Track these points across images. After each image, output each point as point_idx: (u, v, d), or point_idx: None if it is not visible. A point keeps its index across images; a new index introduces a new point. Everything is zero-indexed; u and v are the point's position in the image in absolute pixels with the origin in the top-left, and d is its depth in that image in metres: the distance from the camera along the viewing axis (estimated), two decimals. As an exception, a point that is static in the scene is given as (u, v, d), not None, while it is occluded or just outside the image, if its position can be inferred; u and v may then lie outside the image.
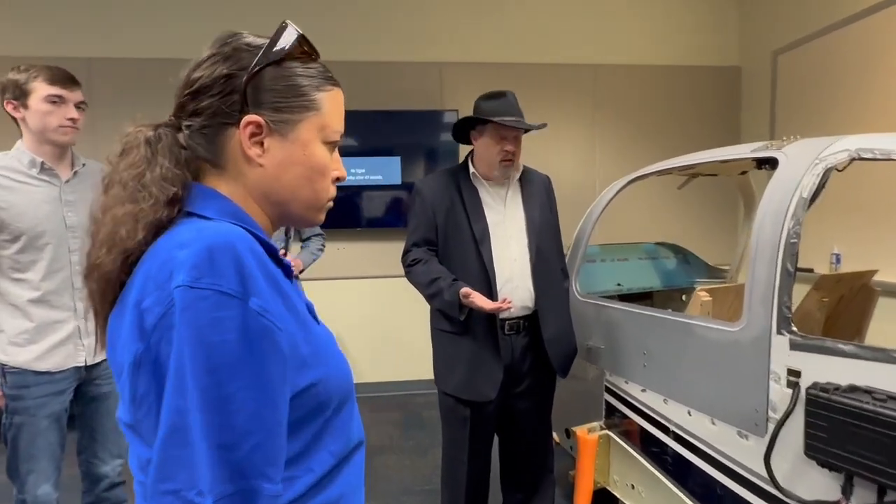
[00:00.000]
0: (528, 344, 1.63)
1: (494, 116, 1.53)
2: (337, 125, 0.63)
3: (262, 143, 0.58)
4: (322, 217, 0.65)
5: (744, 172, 2.04)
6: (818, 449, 1.03)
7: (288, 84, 0.58)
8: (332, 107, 0.62)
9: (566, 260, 2.02)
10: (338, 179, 0.65)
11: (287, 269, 0.61)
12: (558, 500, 2.16)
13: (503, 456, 1.80)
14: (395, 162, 3.25)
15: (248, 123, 0.56)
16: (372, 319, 3.43)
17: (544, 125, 1.61)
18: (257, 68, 0.57)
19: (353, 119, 3.78)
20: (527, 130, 1.59)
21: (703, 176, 2.12)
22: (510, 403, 1.65)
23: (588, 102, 3.54)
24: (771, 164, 1.37)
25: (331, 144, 0.63)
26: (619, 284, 2.41)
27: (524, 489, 1.76)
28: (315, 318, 0.65)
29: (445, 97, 3.34)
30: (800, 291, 1.88)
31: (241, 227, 0.55)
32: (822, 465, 1.03)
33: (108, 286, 0.53)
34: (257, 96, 0.57)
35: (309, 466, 0.55)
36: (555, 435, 2.13)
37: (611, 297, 2.33)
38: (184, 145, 0.57)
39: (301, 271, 2.09)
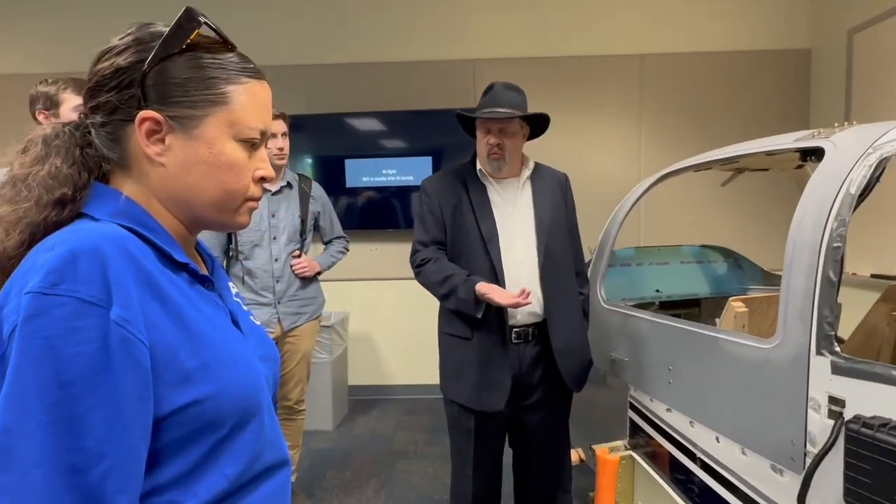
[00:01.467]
0: (538, 354, 1.52)
1: (479, 110, 1.47)
2: (253, 121, 0.57)
3: (163, 141, 0.54)
4: (242, 219, 0.60)
5: (800, 166, 1.80)
6: (859, 496, 0.85)
7: (190, 76, 0.54)
8: (247, 101, 0.57)
9: (591, 263, 1.89)
10: (262, 179, 0.60)
11: (195, 274, 0.57)
12: (581, 521, 2.02)
13: (516, 472, 1.69)
14: (426, 162, 3.21)
15: (144, 120, 0.53)
16: (405, 321, 3.41)
17: (532, 114, 1.51)
18: (156, 60, 0.52)
19: (384, 119, 3.80)
20: (528, 119, 1.53)
21: (752, 171, 1.89)
22: (520, 416, 1.55)
23: (633, 96, 3.32)
24: (816, 154, 1.18)
25: (246, 142, 0.57)
26: (657, 291, 2.22)
27: None
28: (238, 326, 0.61)
29: (478, 95, 3.25)
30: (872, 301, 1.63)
31: (130, 228, 0.51)
32: (866, 515, 0.86)
33: None
34: (158, 90, 0.53)
35: (194, 491, 0.50)
36: (580, 451, 1.99)
37: (648, 305, 2.15)
38: (89, 144, 0.54)
39: (318, 273, 2.09)
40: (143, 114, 0.52)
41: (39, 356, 0.42)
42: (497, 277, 1.47)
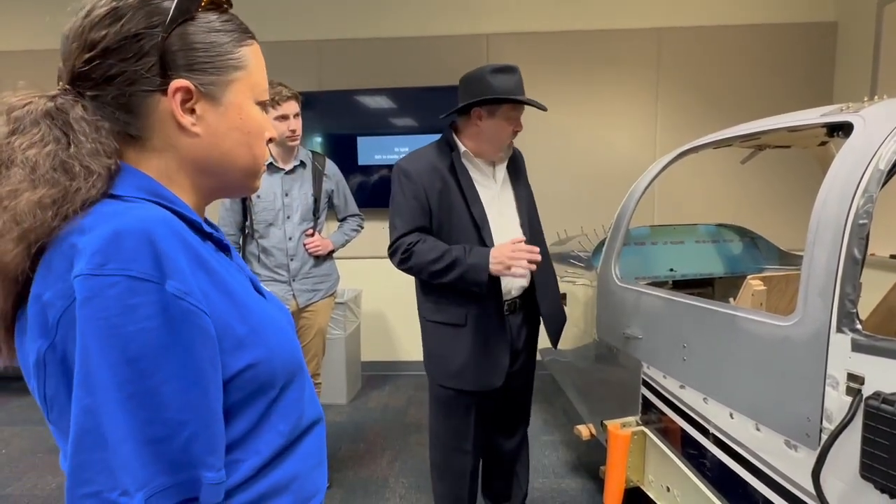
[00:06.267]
0: (522, 320, 1.60)
1: (510, 95, 1.43)
2: (264, 83, 0.58)
3: (193, 111, 0.52)
4: (258, 184, 0.61)
5: (824, 143, 1.76)
6: (876, 471, 0.86)
7: (209, 41, 0.52)
8: (256, 63, 0.56)
9: (606, 242, 1.88)
10: (270, 140, 0.60)
11: (219, 243, 0.58)
12: (591, 495, 2.06)
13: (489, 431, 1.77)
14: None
15: (178, 89, 0.51)
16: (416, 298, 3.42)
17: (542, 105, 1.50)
18: (174, 24, 0.50)
19: (397, 96, 3.75)
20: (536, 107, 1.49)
21: (773, 148, 1.85)
22: (507, 383, 1.59)
23: (650, 71, 3.24)
24: (844, 130, 1.15)
25: (261, 104, 0.58)
26: (671, 270, 2.21)
27: (505, 461, 1.77)
28: (261, 292, 0.62)
29: (492, 71, 3.20)
30: (890, 282, 1.61)
31: (157, 202, 0.50)
32: (882, 490, 0.86)
33: (10, 282, 0.47)
34: (176, 57, 0.51)
35: (256, 449, 0.53)
36: (590, 426, 2.02)
37: (662, 284, 2.14)
38: (95, 117, 0.50)
39: (332, 252, 2.11)
40: (177, 83, 0.50)
41: (102, 337, 0.42)
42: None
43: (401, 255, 1.48)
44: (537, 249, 1.37)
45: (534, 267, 1.38)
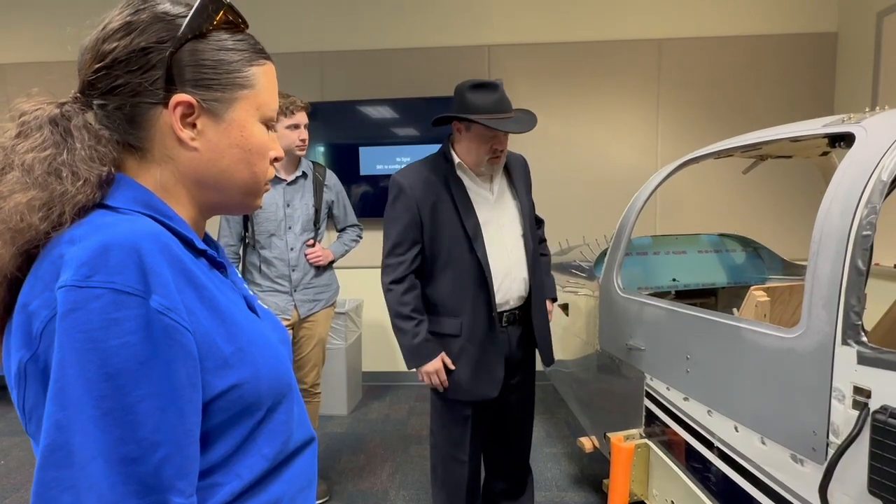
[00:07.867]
0: (521, 334, 1.60)
1: (485, 113, 1.39)
2: (273, 103, 0.58)
3: (194, 125, 0.53)
4: (259, 202, 0.60)
5: (826, 153, 1.75)
6: (885, 487, 0.84)
7: (217, 59, 0.53)
8: (266, 83, 0.57)
9: (608, 252, 1.88)
10: (276, 160, 0.60)
11: (213, 260, 0.57)
12: (594, 508, 2.03)
13: (486, 447, 1.76)
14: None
15: (178, 104, 0.51)
16: (417, 309, 3.42)
17: (532, 127, 1.47)
18: (183, 40, 0.51)
19: (399, 107, 3.77)
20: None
21: (775, 158, 1.85)
22: (504, 396, 1.59)
23: (651, 81, 3.25)
24: (846, 140, 1.15)
25: (268, 124, 0.58)
26: (674, 280, 2.20)
27: (507, 479, 1.74)
28: (255, 311, 0.61)
29: (493, 81, 3.22)
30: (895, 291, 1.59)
31: (151, 216, 0.50)
32: (891, 506, 0.85)
33: (1, 286, 0.48)
34: (183, 72, 0.51)
35: (237, 472, 0.51)
36: (593, 439, 2.00)
37: (665, 294, 2.13)
38: (99, 126, 0.51)
39: (331, 262, 2.10)
40: (178, 97, 0.51)
41: (82, 350, 0.41)
42: (483, 274, 1.49)
43: (387, 283, 1.55)
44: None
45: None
